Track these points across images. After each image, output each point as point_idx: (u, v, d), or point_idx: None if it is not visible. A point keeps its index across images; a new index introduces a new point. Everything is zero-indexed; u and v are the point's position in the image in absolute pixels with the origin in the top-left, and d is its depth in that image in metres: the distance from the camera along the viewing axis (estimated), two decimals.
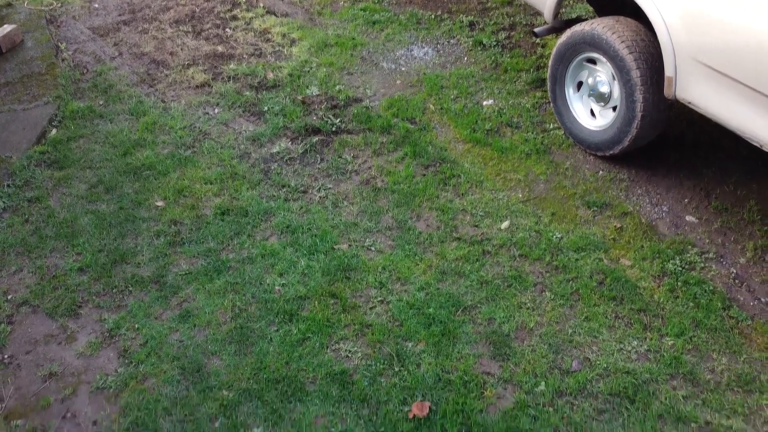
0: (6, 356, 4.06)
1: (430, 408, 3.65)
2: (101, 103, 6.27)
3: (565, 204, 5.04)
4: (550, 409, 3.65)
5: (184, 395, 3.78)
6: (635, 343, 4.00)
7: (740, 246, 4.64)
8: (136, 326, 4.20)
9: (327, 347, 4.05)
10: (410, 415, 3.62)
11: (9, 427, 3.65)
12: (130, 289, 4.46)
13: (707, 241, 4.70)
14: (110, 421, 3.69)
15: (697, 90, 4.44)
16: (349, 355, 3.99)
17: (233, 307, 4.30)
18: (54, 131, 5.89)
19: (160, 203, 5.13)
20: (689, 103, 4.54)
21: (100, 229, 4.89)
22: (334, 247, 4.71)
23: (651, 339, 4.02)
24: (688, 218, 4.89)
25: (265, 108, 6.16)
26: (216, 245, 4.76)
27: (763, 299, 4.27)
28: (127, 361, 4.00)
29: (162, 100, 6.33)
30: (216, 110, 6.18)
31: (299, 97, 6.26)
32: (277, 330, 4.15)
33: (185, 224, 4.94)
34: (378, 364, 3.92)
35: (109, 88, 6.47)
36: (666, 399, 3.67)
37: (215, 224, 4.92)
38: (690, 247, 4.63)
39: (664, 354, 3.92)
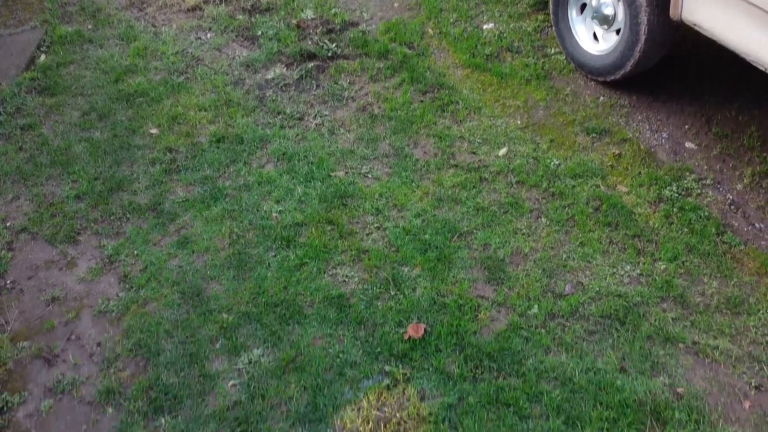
0: (8, 282, 4.12)
1: (425, 330, 3.74)
2: (90, 27, 6.09)
3: (564, 130, 4.98)
4: (542, 330, 3.74)
5: (184, 318, 3.87)
6: (628, 267, 4.05)
7: (738, 172, 4.62)
8: (135, 252, 4.25)
9: (324, 272, 4.10)
10: (405, 337, 3.71)
11: (15, 348, 3.76)
12: (128, 216, 4.48)
13: (705, 167, 4.68)
14: (114, 342, 3.79)
15: (705, 11, 4.30)
16: (346, 280, 4.06)
17: (231, 233, 4.33)
18: (43, 57, 5.75)
19: (154, 131, 5.07)
20: (695, 25, 4.41)
21: (95, 157, 4.85)
22: (331, 174, 4.69)
23: (644, 264, 4.07)
24: (688, 145, 4.85)
25: (259, 32, 5.99)
26: (212, 173, 4.74)
27: (757, 225, 4.29)
28: (127, 286, 4.07)
29: (152, 25, 6.14)
30: (208, 35, 6.01)
31: (294, 21, 6.07)
32: (275, 256, 4.19)
33: (180, 152, 4.90)
34: (374, 288, 3.99)
35: (97, 11, 6.26)
36: (655, 321, 3.75)
37: (211, 152, 4.88)
38: (688, 173, 4.61)
39: (656, 278, 3.98)
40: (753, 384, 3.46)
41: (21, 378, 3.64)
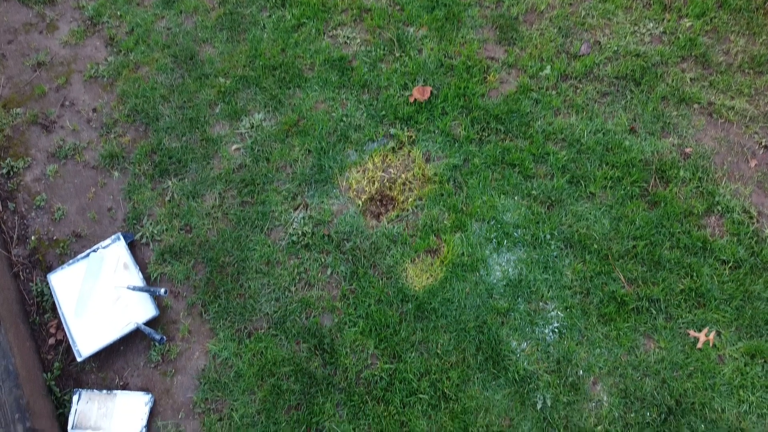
0: None
1: (431, 92, 3.59)
2: None
3: None
4: (553, 92, 3.59)
5: (180, 83, 3.70)
6: (651, 25, 3.76)
7: None
8: (119, 13, 3.92)
9: (324, 33, 3.82)
10: (411, 100, 3.58)
11: (10, 115, 3.65)
12: None
13: None
14: (110, 108, 3.67)
15: None
16: (348, 42, 3.80)
17: None
18: None
19: None
20: None
21: None
22: None
23: (668, 20, 3.76)
24: None
25: None
26: None
27: None
28: (115, 50, 3.83)
29: None
30: None
31: None
32: (270, 16, 3.88)
33: None
34: (378, 50, 3.74)
35: None
36: (673, 81, 3.58)
37: None
38: None
39: (680, 36, 3.71)
40: (763, 143, 3.41)
41: (22, 144, 3.59)
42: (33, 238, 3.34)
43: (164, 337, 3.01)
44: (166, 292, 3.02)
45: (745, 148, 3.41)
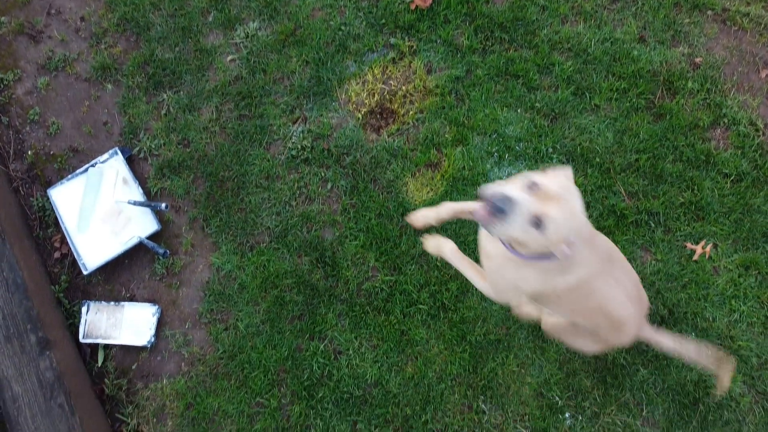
0: None
1: None
2: None
3: None
4: None
5: None
6: None
7: None
8: None
9: None
10: (412, 7, 3.42)
11: None
12: None
13: None
14: (98, 17, 3.52)
15: None
16: None
17: None
18: None
19: None
20: None
21: None
22: None
23: None
24: None
25: None
26: None
27: None
28: None
29: None
30: None
31: None
32: None
33: None
34: None
35: None
36: None
37: None
38: None
39: None
40: None
41: (9, 55, 3.47)
42: (30, 152, 3.30)
43: (167, 251, 3.05)
44: (167, 207, 3.03)
45: (757, 57, 3.30)
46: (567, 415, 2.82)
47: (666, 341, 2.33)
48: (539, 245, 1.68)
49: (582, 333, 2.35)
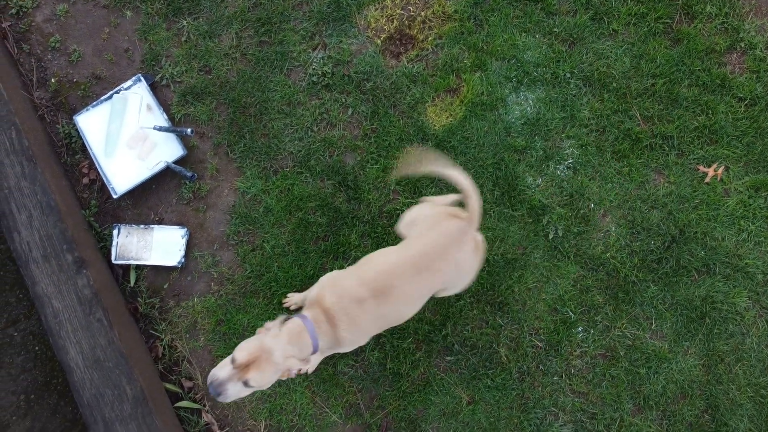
0: None
1: None
2: None
3: None
4: None
5: None
6: None
7: None
8: None
9: None
10: None
11: None
12: None
13: None
14: None
15: None
16: None
17: None
18: None
19: None
20: None
21: None
22: None
23: None
24: None
25: None
26: None
27: None
28: None
29: None
30: None
31: None
32: None
33: None
34: None
35: None
36: None
37: None
38: None
39: None
40: None
41: None
42: (53, 80, 3.34)
43: (195, 174, 3.13)
44: (192, 132, 3.10)
45: None
46: (580, 329, 2.97)
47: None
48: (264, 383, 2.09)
49: None
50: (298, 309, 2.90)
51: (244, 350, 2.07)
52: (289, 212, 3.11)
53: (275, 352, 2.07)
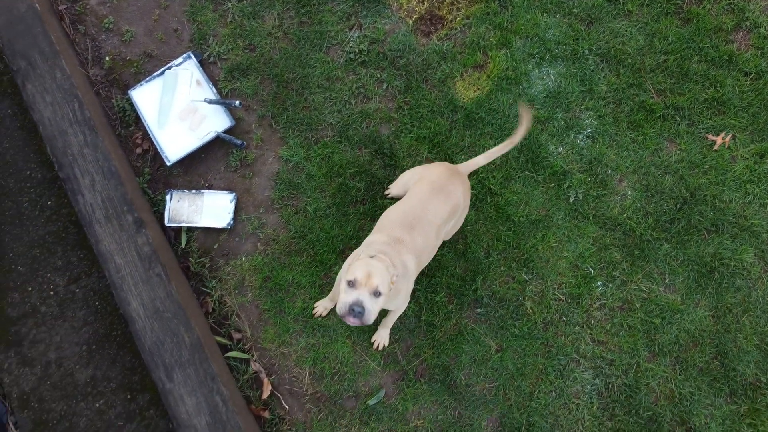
0: None
1: None
2: None
3: None
4: None
5: None
6: None
7: None
8: None
9: None
10: None
11: None
12: None
13: None
14: None
15: None
16: None
17: None
18: None
19: None
20: None
21: None
22: None
23: None
24: None
25: None
26: None
27: None
28: None
29: None
30: None
31: None
32: None
33: None
34: None
35: None
36: None
37: None
38: None
39: None
40: None
41: None
42: (107, 59, 3.60)
43: (244, 142, 3.39)
44: (240, 104, 3.36)
45: None
46: (599, 283, 3.23)
47: (480, 159, 2.86)
48: (388, 289, 2.36)
49: None
50: (329, 312, 3.19)
51: (358, 269, 2.31)
52: (330, 178, 3.37)
53: (380, 263, 2.34)
